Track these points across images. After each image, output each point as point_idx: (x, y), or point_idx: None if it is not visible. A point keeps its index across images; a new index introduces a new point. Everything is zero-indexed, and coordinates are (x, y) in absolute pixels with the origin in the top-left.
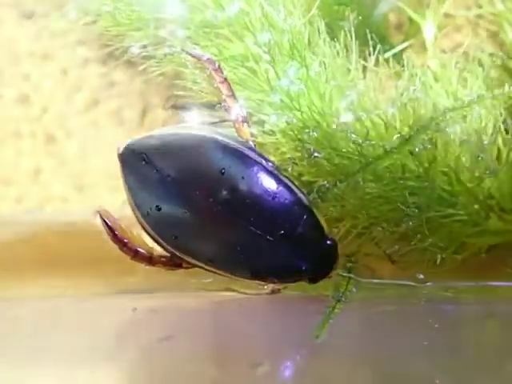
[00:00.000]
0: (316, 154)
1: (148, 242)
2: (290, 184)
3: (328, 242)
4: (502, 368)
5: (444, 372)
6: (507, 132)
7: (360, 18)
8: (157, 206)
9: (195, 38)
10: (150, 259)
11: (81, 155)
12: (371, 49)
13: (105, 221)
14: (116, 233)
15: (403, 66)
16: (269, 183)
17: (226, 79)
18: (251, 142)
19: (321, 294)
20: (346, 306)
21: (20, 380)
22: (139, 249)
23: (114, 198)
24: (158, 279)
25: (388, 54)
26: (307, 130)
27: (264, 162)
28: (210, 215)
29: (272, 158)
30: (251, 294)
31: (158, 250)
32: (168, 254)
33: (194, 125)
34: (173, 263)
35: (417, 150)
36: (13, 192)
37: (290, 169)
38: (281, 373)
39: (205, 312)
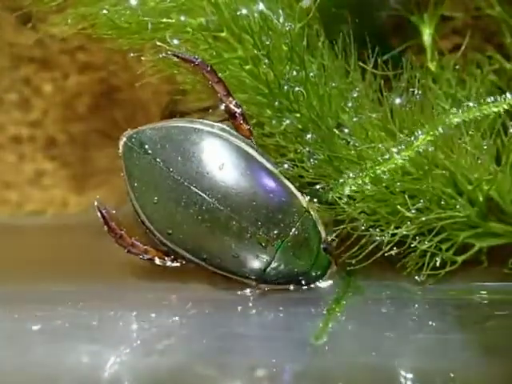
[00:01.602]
0: (315, 156)
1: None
2: (288, 184)
3: (323, 246)
4: (502, 368)
5: (444, 372)
6: (506, 134)
7: (358, 20)
8: (154, 198)
9: (194, 41)
10: (145, 252)
11: (81, 159)
12: (370, 51)
13: (101, 212)
14: (112, 224)
15: (402, 68)
16: (267, 181)
17: (220, 79)
18: (251, 140)
19: (320, 297)
20: (345, 308)
21: None
22: (135, 241)
23: (114, 202)
24: (157, 280)
25: (387, 56)
26: (307, 132)
27: (264, 159)
28: (206, 210)
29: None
30: (246, 294)
31: (154, 243)
32: (164, 248)
33: (197, 119)
34: (168, 258)
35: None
36: (13, 196)
37: (289, 171)
38: (280, 375)
39: (204, 313)
